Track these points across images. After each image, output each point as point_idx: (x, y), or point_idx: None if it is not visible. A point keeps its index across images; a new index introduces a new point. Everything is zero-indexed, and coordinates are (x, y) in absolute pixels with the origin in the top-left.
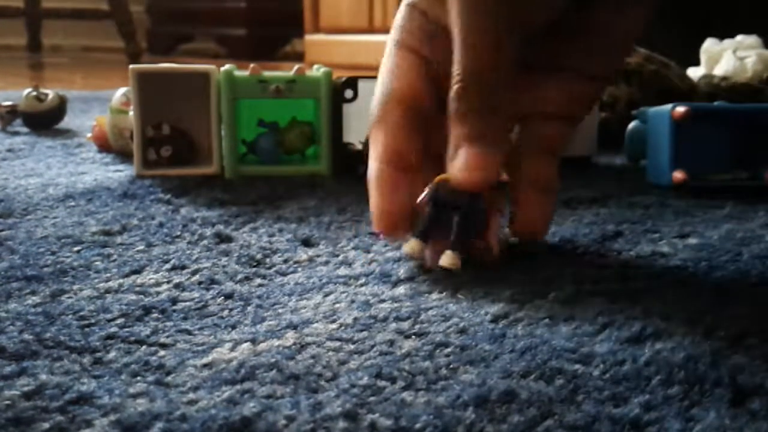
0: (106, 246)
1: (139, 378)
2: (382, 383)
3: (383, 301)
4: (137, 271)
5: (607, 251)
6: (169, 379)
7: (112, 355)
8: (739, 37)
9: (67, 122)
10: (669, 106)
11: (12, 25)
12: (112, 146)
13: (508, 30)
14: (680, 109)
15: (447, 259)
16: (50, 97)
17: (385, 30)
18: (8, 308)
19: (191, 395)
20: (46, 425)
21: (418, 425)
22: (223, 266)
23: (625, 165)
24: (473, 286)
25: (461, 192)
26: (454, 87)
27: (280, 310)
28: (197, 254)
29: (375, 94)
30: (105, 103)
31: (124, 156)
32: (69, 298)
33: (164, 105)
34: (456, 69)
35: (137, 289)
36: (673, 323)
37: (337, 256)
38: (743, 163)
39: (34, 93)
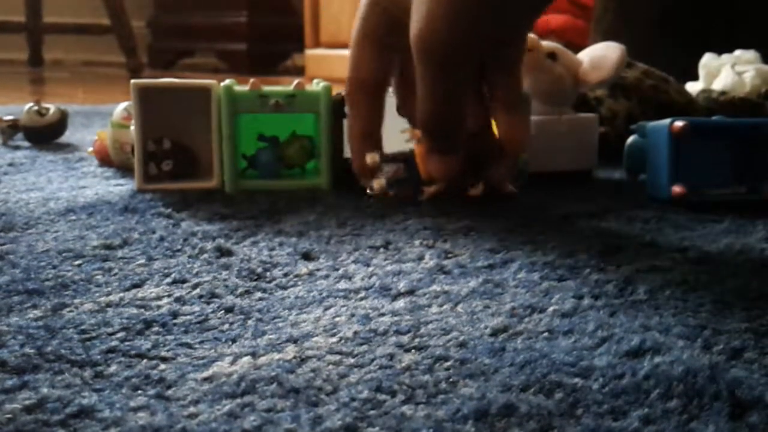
0: (107, 260)
1: (140, 391)
2: (382, 397)
3: (383, 314)
4: (138, 285)
5: (606, 265)
6: (169, 392)
7: (113, 368)
8: (738, 52)
9: (68, 136)
10: (668, 120)
11: (13, 40)
12: (113, 160)
13: (457, 81)
14: (679, 123)
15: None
16: (51, 111)
17: None
18: (9, 322)
19: (192, 409)
20: None
21: None
22: (224, 280)
23: (624, 179)
24: (473, 300)
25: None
26: (419, 123)
27: (280, 324)
28: (198, 268)
29: (347, 76)
30: (106, 117)
31: (125, 170)
32: (70, 311)
33: (165, 119)
34: (418, 113)
35: (138, 302)
36: (672, 337)
37: (337, 269)
38: (742, 178)
39: (36, 107)
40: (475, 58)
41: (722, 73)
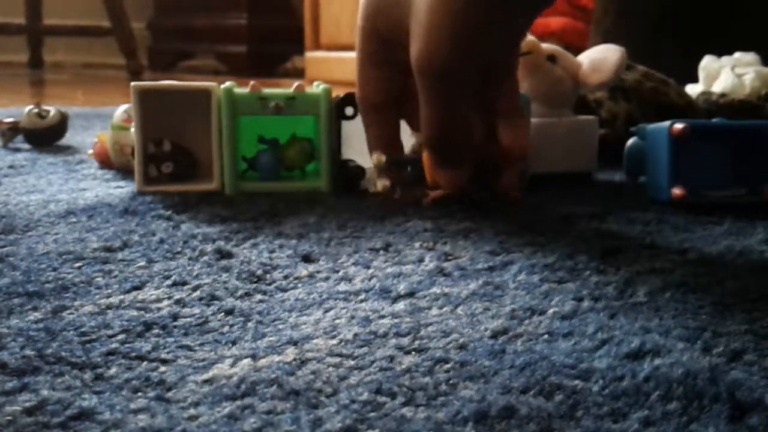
0: (107, 262)
1: (140, 394)
2: (382, 399)
3: (383, 316)
4: (138, 287)
5: (606, 267)
6: (170, 394)
7: (113, 371)
8: (737, 54)
9: (69, 139)
10: (667, 122)
11: (13, 42)
12: (113, 163)
13: (459, 98)
14: (679, 125)
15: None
16: (51, 113)
17: None
18: (10, 324)
19: (192, 411)
20: None
21: None
22: (224, 282)
23: (624, 181)
24: (473, 302)
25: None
26: (424, 140)
27: (280, 326)
28: (198, 270)
29: (357, 93)
30: (106, 119)
31: (126, 172)
32: (70, 314)
33: (165, 121)
34: (422, 130)
35: (138, 305)
36: (672, 339)
37: (338, 272)
38: (742, 179)
39: (36, 110)
40: (474, 76)
41: (722, 75)
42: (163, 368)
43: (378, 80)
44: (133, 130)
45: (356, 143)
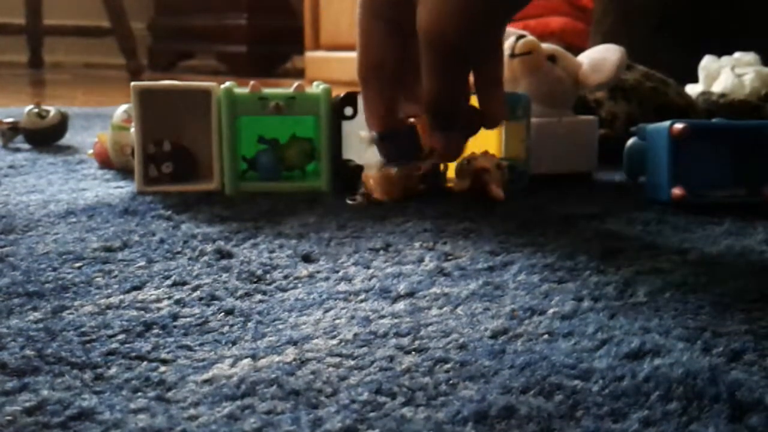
0: (107, 262)
1: (140, 394)
2: (382, 399)
3: (383, 317)
4: (138, 287)
5: (606, 267)
6: (169, 394)
7: (113, 371)
8: (737, 54)
9: (69, 139)
10: (667, 123)
11: (13, 42)
12: (113, 163)
13: (461, 68)
14: (678, 126)
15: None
16: (52, 113)
17: None
18: (10, 324)
19: (192, 411)
20: None
21: None
22: (224, 282)
23: (624, 181)
24: (473, 302)
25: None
26: (425, 105)
27: (280, 326)
28: (198, 270)
29: (357, 58)
30: (106, 119)
31: (126, 172)
32: (70, 314)
33: (165, 122)
34: (424, 93)
35: (138, 305)
36: (672, 339)
37: (337, 272)
38: (741, 180)
39: (36, 110)
40: (479, 50)
41: (722, 75)
42: (163, 368)
43: (384, 40)
44: (133, 130)
45: (356, 143)
